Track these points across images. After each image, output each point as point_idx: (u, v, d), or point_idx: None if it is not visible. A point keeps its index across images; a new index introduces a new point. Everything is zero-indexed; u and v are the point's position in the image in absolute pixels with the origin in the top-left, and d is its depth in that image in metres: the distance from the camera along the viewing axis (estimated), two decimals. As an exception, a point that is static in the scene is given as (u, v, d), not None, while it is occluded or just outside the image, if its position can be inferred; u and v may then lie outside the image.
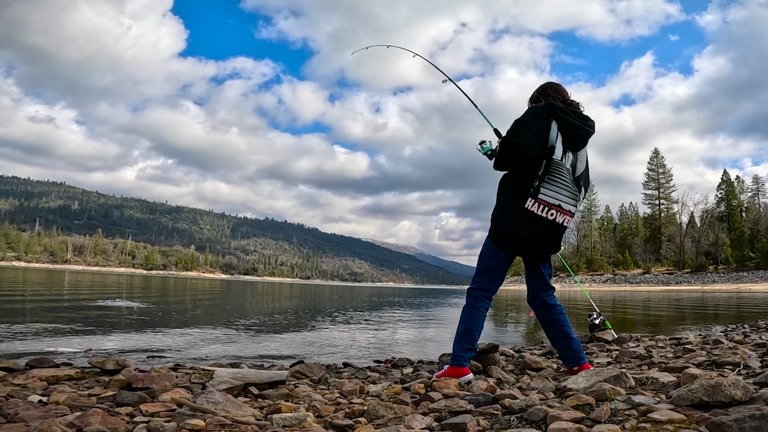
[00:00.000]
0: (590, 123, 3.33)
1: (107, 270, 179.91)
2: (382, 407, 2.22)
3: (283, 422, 2.00)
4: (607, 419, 1.88)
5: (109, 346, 5.35)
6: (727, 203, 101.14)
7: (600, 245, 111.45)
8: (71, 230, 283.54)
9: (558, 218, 3.20)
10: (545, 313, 3.47)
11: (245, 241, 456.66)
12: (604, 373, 2.63)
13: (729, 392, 1.85)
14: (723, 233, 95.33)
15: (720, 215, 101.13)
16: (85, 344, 5.31)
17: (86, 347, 5.08)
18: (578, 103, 3.40)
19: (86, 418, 1.85)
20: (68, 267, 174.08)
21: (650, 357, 4.13)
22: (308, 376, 3.44)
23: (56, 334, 6.06)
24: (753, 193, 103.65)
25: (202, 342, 6.14)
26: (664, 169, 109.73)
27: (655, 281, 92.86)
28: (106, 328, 6.98)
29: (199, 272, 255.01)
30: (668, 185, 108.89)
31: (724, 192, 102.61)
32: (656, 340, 5.86)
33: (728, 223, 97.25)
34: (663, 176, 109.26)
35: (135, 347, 5.39)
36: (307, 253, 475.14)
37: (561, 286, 79.73)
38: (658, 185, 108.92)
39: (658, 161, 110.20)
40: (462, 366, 3.17)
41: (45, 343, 5.23)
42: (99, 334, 6.31)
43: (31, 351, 4.64)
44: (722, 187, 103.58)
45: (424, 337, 7.97)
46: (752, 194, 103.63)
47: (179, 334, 6.86)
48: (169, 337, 6.47)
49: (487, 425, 1.93)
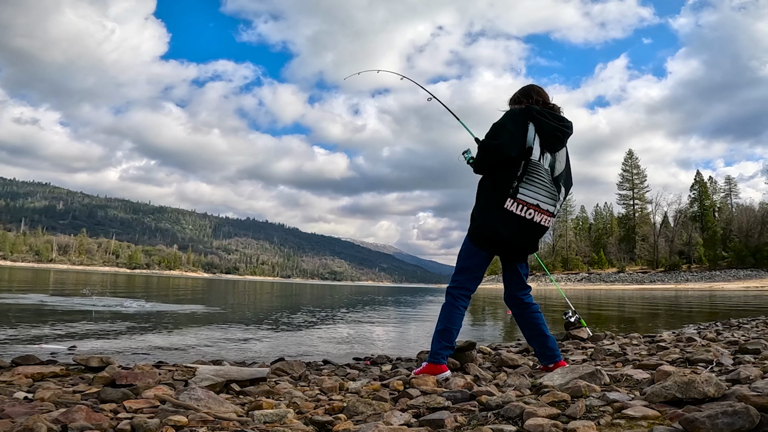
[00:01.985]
0: (567, 124, 3.37)
1: (91, 269, 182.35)
2: (361, 404, 2.23)
3: (264, 418, 2.00)
4: (582, 415, 1.90)
5: (94, 344, 5.33)
6: (700, 203, 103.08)
7: (575, 245, 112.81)
8: (56, 230, 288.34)
9: (536, 218, 3.23)
10: (521, 311, 3.51)
11: (227, 240, 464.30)
12: (580, 371, 2.65)
13: (702, 389, 1.88)
14: (696, 233, 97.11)
15: (693, 215, 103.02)
16: (70, 342, 5.30)
17: (71, 345, 5.08)
18: (559, 108, 3.44)
19: (71, 414, 1.85)
20: (53, 266, 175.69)
21: (624, 354, 4.18)
22: (289, 373, 3.47)
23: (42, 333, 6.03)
24: (725, 193, 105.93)
25: (184, 340, 6.14)
26: (638, 169, 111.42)
27: (629, 280, 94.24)
28: (91, 327, 6.93)
29: (181, 271, 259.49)
30: (642, 186, 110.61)
31: (697, 192, 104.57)
32: (630, 337, 5.94)
33: (701, 223, 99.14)
34: (637, 177, 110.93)
35: (119, 345, 5.38)
36: (288, 252, 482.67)
37: (537, 284, 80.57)
38: (633, 186, 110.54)
39: (632, 162, 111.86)
40: (440, 363, 3.18)
41: (31, 341, 5.22)
42: (83, 333, 6.27)
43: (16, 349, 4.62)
44: (695, 187, 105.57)
45: (402, 334, 7.99)
46: (725, 195, 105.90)
47: (162, 332, 6.85)
48: (153, 335, 6.46)
49: (465, 421, 1.93)
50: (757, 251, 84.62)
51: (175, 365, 3.49)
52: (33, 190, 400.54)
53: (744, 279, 76.71)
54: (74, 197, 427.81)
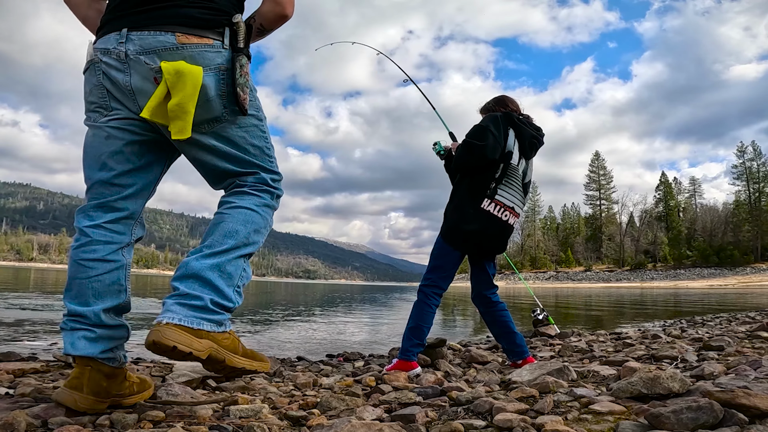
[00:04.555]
0: (542, 133, 3.46)
1: None
2: (334, 399, 2.24)
3: (240, 413, 2.01)
4: (550, 410, 1.91)
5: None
6: (665, 204, 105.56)
7: (543, 244, 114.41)
8: (37, 229, 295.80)
9: (510, 220, 3.28)
10: (489, 310, 3.55)
11: None
12: (548, 367, 2.68)
13: (667, 385, 1.92)
14: (661, 232, 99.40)
15: (658, 215, 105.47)
16: (50, 339, 5.28)
17: (51, 342, 5.06)
18: (532, 118, 3.51)
19: (51, 410, 1.87)
20: (34, 265, 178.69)
21: (591, 351, 4.24)
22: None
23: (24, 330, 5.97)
24: (690, 194, 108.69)
25: None
26: (605, 170, 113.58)
27: (596, 278, 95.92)
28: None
29: (159, 270, 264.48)
30: (609, 186, 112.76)
31: (662, 193, 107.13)
32: (597, 334, 6.04)
33: (666, 223, 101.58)
34: (603, 178, 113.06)
35: None
36: (263, 251, 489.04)
37: (506, 283, 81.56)
38: (599, 186, 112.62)
39: (598, 163, 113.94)
40: (411, 360, 3.20)
41: (11, 338, 5.19)
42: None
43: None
44: (660, 188, 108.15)
45: (374, 332, 8.00)
46: (689, 195, 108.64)
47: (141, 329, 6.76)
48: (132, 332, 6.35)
49: (435, 416, 1.94)
50: (720, 250, 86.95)
51: (153, 361, 3.51)
52: (14, 191, 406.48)
53: (708, 277, 78.63)
54: (54, 197, 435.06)
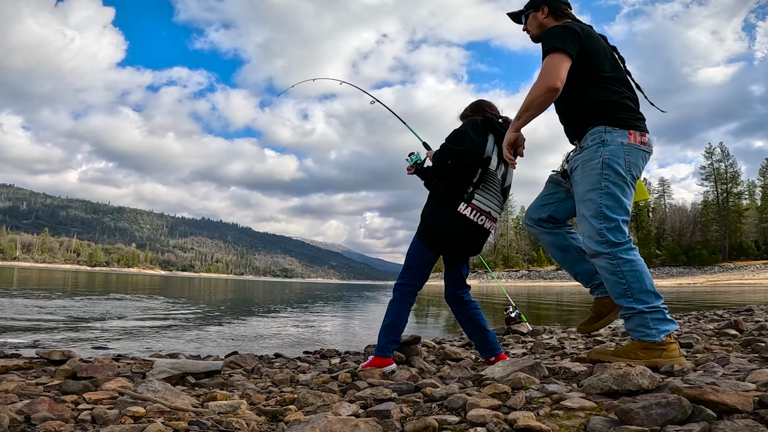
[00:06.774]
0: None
1: (54, 267, 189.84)
2: (311, 395, 2.27)
3: (219, 409, 2.05)
4: (522, 406, 1.94)
5: (57, 338, 5.43)
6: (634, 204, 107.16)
7: (516, 243, 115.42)
8: (20, 229, 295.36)
9: (486, 224, 3.30)
10: (462, 309, 3.59)
11: (183, 239, 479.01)
12: (520, 363, 2.70)
13: (637, 381, 1.95)
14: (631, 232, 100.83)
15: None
16: (33, 336, 5.37)
17: (34, 339, 5.13)
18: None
19: (34, 405, 1.90)
20: (17, 264, 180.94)
21: (563, 348, 4.30)
22: (242, 366, 3.56)
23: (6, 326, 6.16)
24: (659, 194, 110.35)
25: (143, 334, 6.24)
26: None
27: (567, 277, 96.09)
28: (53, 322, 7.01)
29: (139, 269, 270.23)
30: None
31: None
32: (568, 332, 6.12)
33: (636, 223, 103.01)
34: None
35: (81, 339, 5.48)
36: (241, 250, 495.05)
37: (479, 281, 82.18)
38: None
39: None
40: (386, 357, 3.21)
41: None
42: (47, 327, 6.35)
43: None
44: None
45: (350, 329, 8.03)
46: (658, 195, 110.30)
47: (123, 327, 6.89)
48: (113, 329, 6.52)
49: (410, 412, 1.95)
50: (689, 250, 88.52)
51: (134, 358, 3.56)
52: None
53: (677, 276, 79.88)
54: (37, 198, 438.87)
